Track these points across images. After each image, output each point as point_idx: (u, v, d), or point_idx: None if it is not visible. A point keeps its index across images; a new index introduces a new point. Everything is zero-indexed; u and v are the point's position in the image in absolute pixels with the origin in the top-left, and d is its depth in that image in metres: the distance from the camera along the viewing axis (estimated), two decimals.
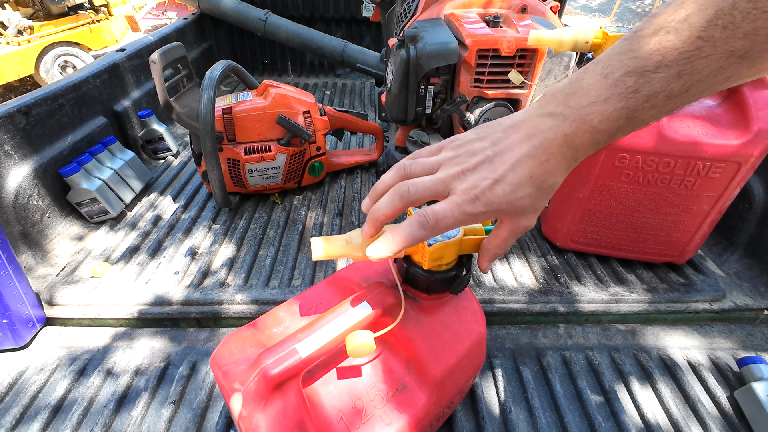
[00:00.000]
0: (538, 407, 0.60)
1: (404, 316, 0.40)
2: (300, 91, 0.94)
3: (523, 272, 0.78)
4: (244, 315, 0.72)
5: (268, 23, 1.50)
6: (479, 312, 0.45)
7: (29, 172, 0.83)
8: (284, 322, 0.41)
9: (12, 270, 0.65)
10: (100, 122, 1.04)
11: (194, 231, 0.89)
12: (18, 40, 3.89)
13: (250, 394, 0.33)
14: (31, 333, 0.69)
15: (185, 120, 0.83)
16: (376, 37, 1.84)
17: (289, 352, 0.33)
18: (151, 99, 1.26)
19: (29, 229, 0.82)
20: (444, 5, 0.90)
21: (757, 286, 0.77)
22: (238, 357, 0.37)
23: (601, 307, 0.72)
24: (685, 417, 0.59)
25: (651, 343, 0.70)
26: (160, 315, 0.71)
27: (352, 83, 1.80)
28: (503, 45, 0.75)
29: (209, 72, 0.79)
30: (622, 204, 0.71)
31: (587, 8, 8.57)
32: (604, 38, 0.64)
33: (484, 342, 0.46)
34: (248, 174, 0.90)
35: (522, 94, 0.81)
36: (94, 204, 0.89)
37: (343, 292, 0.44)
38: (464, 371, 0.44)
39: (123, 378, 0.63)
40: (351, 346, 0.34)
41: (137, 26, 5.38)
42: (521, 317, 0.73)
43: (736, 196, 0.68)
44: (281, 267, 0.80)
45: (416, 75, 0.80)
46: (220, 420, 0.57)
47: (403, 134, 0.99)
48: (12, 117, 0.81)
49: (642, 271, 0.79)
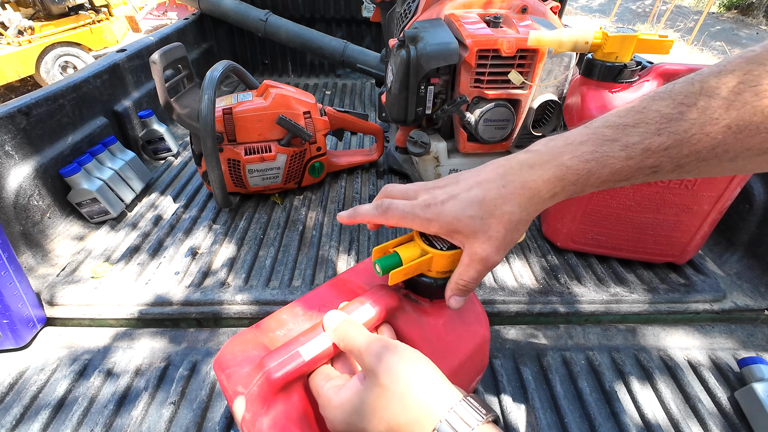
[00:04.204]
0: (538, 407, 0.60)
1: (407, 318, 0.40)
2: (300, 91, 0.94)
3: (524, 272, 0.78)
4: (244, 315, 0.72)
5: (269, 23, 1.51)
6: (482, 314, 0.45)
7: (30, 172, 0.83)
8: (287, 325, 0.41)
9: (12, 270, 0.65)
10: (101, 122, 1.04)
11: (194, 231, 0.89)
12: (18, 40, 3.89)
13: (253, 397, 0.33)
14: (31, 333, 0.69)
15: (186, 120, 0.83)
16: (376, 38, 1.85)
17: (293, 355, 0.33)
18: (151, 99, 1.26)
19: (30, 229, 0.82)
20: (444, 5, 0.90)
21: (757, 286, 0.77)
22: (241, 359, 0.36)
23: (602, 308, 0.72)
24: (685, 417, 0.59)
25: (651, 344, 0.70)
26: (160, 315, 0.71)
27: (353, 83, 1.80)
28: (503, 45, 0.75)
29: (210, 72, 0.79)
30: (622, 204, 0.71)
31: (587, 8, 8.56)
32: (604, 39, 0.64)
33: (487, 344, 0.45)
34: (248, 174, 0.91)
35: (522, 95, 0.81)
36: (95, 204, 0.89)
37: (345, 294, 0.44)
38: (467, 374, 0.43)
39: (123, 378, 0.63)
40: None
41: (138, 27, 5.38)
42: (521, 318, 0.73)
43: (737, 196, 0.68)
44: (281, 267, 0.80)
45: (416, 75, 0.80)
46: (220, 420, 0.58)
47: (404, 134, 0.99)
48: (12, 117, 0.81)
49: (642, 271, 0.79)
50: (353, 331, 0.33)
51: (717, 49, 6.32)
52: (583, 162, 0.30)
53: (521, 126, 0.87)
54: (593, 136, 0.30)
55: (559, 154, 0.31)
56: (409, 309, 0.41)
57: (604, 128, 0.30)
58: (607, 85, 0.66)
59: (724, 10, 8.11)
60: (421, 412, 0.27)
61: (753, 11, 7.63)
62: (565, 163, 0.30)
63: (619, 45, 0.63)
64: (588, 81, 0.67)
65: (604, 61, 0.65)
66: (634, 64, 0.65)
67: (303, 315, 0.42)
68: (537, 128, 0.88)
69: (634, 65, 0.64)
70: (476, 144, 0.88)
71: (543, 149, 0.32)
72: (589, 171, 0.30)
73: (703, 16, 6.62)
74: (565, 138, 0.32)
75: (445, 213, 0.33)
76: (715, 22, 7.47)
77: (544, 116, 0.88)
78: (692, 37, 6.51)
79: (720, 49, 6.29)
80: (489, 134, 0.84)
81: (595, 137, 0.30)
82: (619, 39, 0.63)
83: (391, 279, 0.36)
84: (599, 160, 0.30)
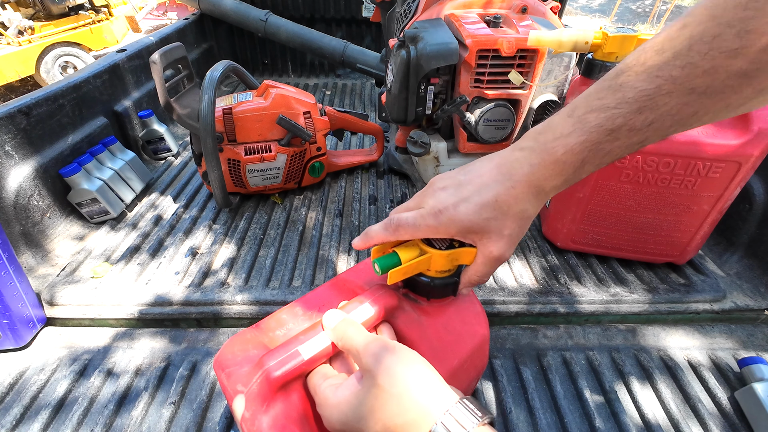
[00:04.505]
0: (538, 408, 0.60)
1: (406, 318, 0.40)
2: (300, 91, 0.94)
3: (524, 273, 0.78)
4: (244, 315, 0.72)
5: (269, 24, 1.51)
6: (482, 314, 0.45)
7: (30, 172, 0.83)
8: (287, 324, 0.41)
9: (12, 270, 0.65)
10: (101, 122, 1.04)
11: (195, 231, 0.89)
12: (19, 40, 3.89)
13: (253, 396, 0.33)
14: (31, 333, 0.69)
15: (186, 120, 0.83)
16: (376, 38, 1.85)
17: (292, 354, 0.33)
18: (151, 99, 1.26)
19: (30, 229, 0.82)
20: (444, 5, 0.90)
21: (757, 286, 0.77)
22: (241, 359, 0.36)
23: (602, 308, 0.72)
24: (685, 417, 0.59)
25: (651, 344, 0.70)
26: (160, 315, 0.71)
27: (353, 83, 1.80)
28: (503, 45, 0.75)
29: (210, 72, 0.79)
30: (622, 204, 0.71)
31: (587, 8, 8.56)
32: (604, 39, 0.64)
33: (486, 344, 0.45)
34: (248, 174, 0.91)
35: (522, 95, 0.81)
36: (95, 204, 0.89)
37: (345, 294, 0.44)
38: (467, 374, 0.43)
39: (123, 378, 0.63)
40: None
41: (138, 27, 5.38)
42: (521, 318, 0.73)
43: (737, 196, 0.68)
44: (281, 267, 0.80)
45: (416, 75, 0.80)
46: (220, 420, 0.58)
47: (404, 134, 0.99)
48: (13, 117, 0.81)
49: (642, 271, 0.79)
50: (352, 330, 0.33)
51: None
52: (576, 154, 0.31)
53: (521, 126, 0.87)
54: (579, 125, 0.30)
55: (552, 149, 0.31)
56: (408, 308, 0.41)
57: (588, 114, 0.30)
58: None
59: None
60: (418, 413, 0.27)
61: None
62: (560, 158, 0.31)
63: (619, 45, 0.63)
64: (588, 81, 0.67)
65: (604, 61, 0.65)
66: None
67: (303, 315, 0.42)
68: None
69: None
70: (476, 144, 0.88)
71: (536, 146, 0.32)
72: (583, 160, 0.31)
73: None
74: (552, 130, 0.32)
75: (461, 217, 0.33)
76: None
77: (544, 116, 0.88)
78: None
79: None
80: (489, 134, 0.84)
81: (581, 126, 0.30)
82: (619, 39, 0.63)
83: (390, 278, 0.36)
84: (590, 149, 0.30)
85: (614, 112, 0.29)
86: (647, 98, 0.27)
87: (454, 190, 0.34)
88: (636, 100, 0.28)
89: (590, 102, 0.30)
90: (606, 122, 0.29)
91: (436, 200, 0.35)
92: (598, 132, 0.30)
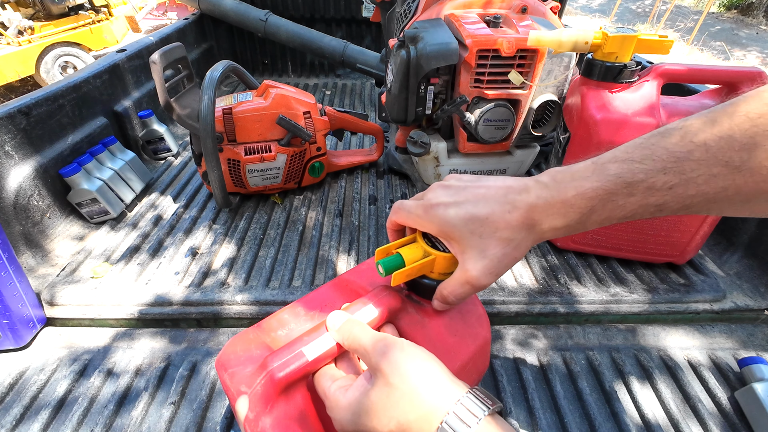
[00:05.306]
0: (538, 407, 0.60)
1: (409, 319, 0.40)
2: (300, 91, 0.94)
3: (523, 273, 0.78)
4: (244, 315, 0.72)
5: (269, 24, 1.51)
6: (484, 316, 0.45)
7: (30, 172, 0.83)
8: (289, 325, 0.41)
9: (12, 270, 0.65)
10: (101, 122, 1.04)
11: (194, 231, 0.89)
12: (18, 40, 3.89)
13: (256, 397, 0.32)
14: (31, 333, 0.69)
15: (186, 120, 0.83)
16: (376, 38, 1.85)
17: (296, 355, 0.33)
18: (151, 99, 1.26)
19: (30, 230, 0.82)
20: (444, 5, 0.90)
21: (757, 286, 0.77)
22: (243, 359, 0.36)
23: (602, 308, 0.72)
24: (685, 417, 0.59)
25: (651, 344, 0.70)
26: (160, 315, 0.71)
27: (353, 84, 1.80)
28: (503, 45, 0.75)
29: (209, 72, 0.79)
30: None
31: (587, 8, 8.57)
32: (604, 39, 0.64)
33: (488, 346, 0.45)
34: (248, 174, 0.91)
35: (522, 95, 0.81)
36: (95, 204, 0.89)
37: (347, 294, 0.44)
38: (469, 375, 0.43)
39: (123, 378, 0.63)
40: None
41: (137, 27, 5.38)
42: (521, 318, 0.73)
43: None
44: (281, 267, 0.80)
45: (416, 75, 0.80)
46: (220, 420, 0.58)
47: (404, 134, 0.99)
48: (12, 117, 0.81)
49: (642, 271, 0.79)
50: (358, 329, 0.33)
51: (717, 49, 6.32)
52: (586, 199, 0.30)
53: (521, 126, 0.87)
54: (598, 171, 0.29)
55: (564, 189, 0.30)
56: (411, 310, 0.41)
57: (610, 163, 0.29)
58: (607, 85, 0.66)
59: (724, 10, 8.11)
60: (430, 407, 0.27)
61: (753, 11, 7.63)
62: (569, 200, 0.30)
63: (619, 45, 0.64)
64: (588, 81, 0.67)
65: (604, 61, 0.65)
66: (634, 64, 0.65)
67: (305, 315, 0.42)
68: (537, 128, 0.88)
69: (634, 65, 0.64)
70: (476, 144, 0.88)
71: (551, 182, 0.32)
72: (592, 208, 0.30)
73: (703, 16, 6.62)
74: (572, 172, 0.31)
75: (447, 218, 0.33)
76: (715, 22, 7.47)
77: (544, 116, 0.88)
78: (692, 37, 6.51)
79: (720, 49, 6.29)
80: (489, 134, 0.84)
81: (599, 173, 0.29)
82: (619, 39, 0.63)
83: (394, 280, 0.36)
84: (602, 197, 0.29)
85: (637, 166, 0.28)
86: (675, 161, 0.27)
87: (454, 192, 0.34)
88: (663, 160, 0.27)
89: (617, 153, 0.30)
90: (626, 174, 0.28)
91: (434, 195, 0.35)
92: (615, 182, 0.29)
